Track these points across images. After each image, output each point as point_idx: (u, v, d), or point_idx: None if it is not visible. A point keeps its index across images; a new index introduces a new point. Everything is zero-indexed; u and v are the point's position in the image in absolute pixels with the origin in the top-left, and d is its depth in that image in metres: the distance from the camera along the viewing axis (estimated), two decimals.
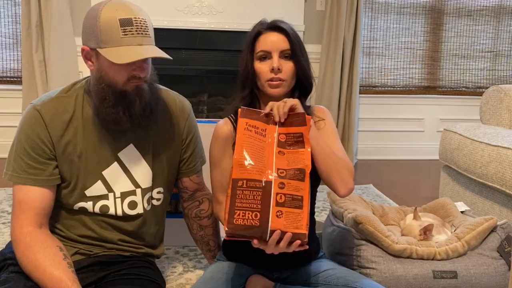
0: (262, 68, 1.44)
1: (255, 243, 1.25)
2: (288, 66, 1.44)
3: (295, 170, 1.31)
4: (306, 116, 1.38)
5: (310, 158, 1.33)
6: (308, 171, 1.31)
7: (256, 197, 1.26)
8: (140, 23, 1.36)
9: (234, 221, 1.24)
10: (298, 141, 1.36)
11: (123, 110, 1.40)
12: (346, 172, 1.41)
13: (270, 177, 1.29)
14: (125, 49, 1.34)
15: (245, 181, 1.28)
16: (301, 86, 1.51)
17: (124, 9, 1.35)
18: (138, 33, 1.35)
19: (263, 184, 1.28)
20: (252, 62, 1.46)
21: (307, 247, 1.26)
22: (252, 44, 1.46)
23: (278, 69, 1.42)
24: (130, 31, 1.34)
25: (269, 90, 1.45)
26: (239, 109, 1.38)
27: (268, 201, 1.26)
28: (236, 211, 1.25)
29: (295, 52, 1.44)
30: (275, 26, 1.45)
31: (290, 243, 1.25)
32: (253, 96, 1.50)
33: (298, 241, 1.25)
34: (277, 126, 1.37)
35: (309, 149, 1.35)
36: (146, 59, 1.39)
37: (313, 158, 1.38)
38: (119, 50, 1.34)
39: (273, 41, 1.44)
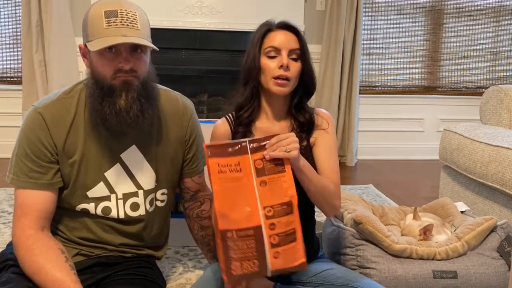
0: (269, 64, 1.43)
1: None
2: (295, 66, 1.44)
3: (281, 206, 1.27)
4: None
5: (293, 181, 1.28)
6: (295, 201, 1.28)
7: (250, 245, 1.24)
8: (126, 15, 1.31)
9: (233, 272, 1.24)
10: (277, 163, 1.29)
11: (108, 106, 1.34)
12: (336, 200, 1.45)
13: (259, 221, 1.25)
14: (105, 39, 1.29)
15: (234, 232, 1.24)
16: (304, 87, 1.51)
17: (113, 3, 1.32)
18: (123, 24, 1.29)
19: (254, 231, 1.24)
20: (259, 57, 1.45)
21: (305, 268, 1.31)
22: (261, 40, 1.45)
23: (287, 66, 1.42)
24: (114, 22, 1.29)
25: (273, 88, 1.44)
26: (205, 147, 1.27)
27: (262, 246, 1.25)
28: (232, 262, 1.24)
29: (304, 53, 1.44)
30: (286, 25, 1.45)
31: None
32: (254, 92, 1.49)
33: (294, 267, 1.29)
34: (249, 154, 1.28)
35: (290, 169, 1.29)
36: (134, 52, 1.35)
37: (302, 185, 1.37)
38: (100, 41, 1.30)
39: (283, 39, 1.43)
